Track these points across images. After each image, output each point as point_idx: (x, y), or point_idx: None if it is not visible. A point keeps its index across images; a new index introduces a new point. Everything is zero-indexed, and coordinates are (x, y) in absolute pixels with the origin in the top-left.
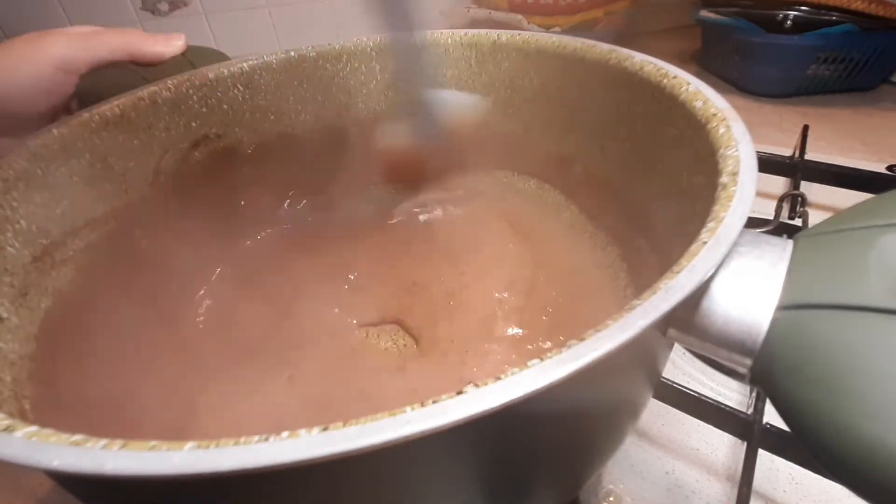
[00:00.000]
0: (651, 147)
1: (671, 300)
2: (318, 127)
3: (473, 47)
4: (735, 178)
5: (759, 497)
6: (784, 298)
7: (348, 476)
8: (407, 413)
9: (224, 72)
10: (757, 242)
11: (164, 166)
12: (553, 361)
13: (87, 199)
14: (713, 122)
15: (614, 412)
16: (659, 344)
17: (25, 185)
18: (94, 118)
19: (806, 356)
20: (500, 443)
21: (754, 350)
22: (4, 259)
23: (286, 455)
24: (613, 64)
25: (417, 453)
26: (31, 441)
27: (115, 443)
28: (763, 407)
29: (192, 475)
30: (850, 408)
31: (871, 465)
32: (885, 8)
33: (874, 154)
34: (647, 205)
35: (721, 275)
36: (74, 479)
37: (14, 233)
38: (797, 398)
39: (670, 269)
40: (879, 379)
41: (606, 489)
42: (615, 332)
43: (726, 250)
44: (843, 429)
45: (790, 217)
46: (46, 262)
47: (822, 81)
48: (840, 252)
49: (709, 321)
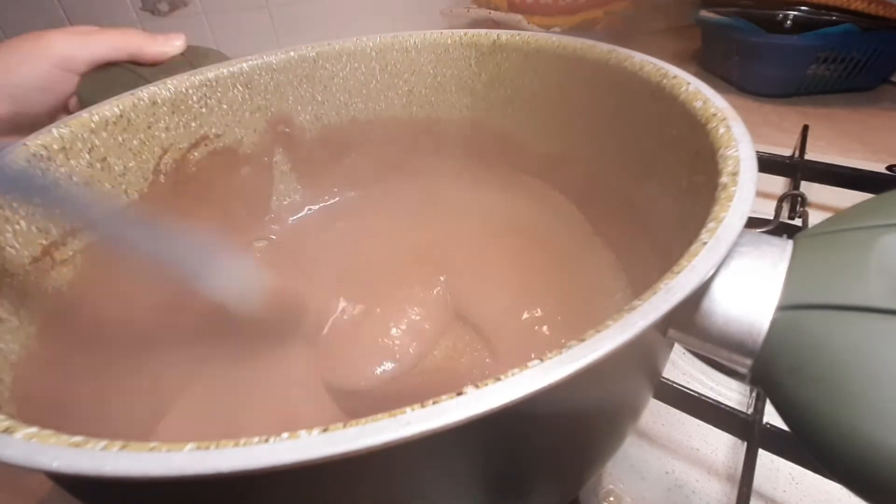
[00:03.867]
0: (651, 147)
1: (671, 300)
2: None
3: (473, 47)
4: (735, 179)
5: (759, 497)
6: (784, 298)
7: (346, 477)
8: (407, 414)
9: (224, 72)
10: (757, 242)
11: (163, 166)
12: (553, 362)
13: (87, 199)
14: (713, 122)
15: (614, 412)
16: (659, 344)
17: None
18: (94, 118)
19: (806, 356)
20: (499, 443)
21: (754, 350)
22: (4, 260)
23: (286, 456)
24: (613, 64)
25: (416, 454)
26: (31, 442)
27: (114, 444)
28: (763, 407)
29: (191, 476)
30: (850, 407)
31: (872, 465)
32: (885, 8)
33: (874, 154)
34: (647, 205)
35: (721, 275)
36: (74, 481)
37: (14, 233)
38: (797, 398)
39: (670, 270)
40: (880, 379)
41: (606, 489)
42: (615, 333)
43: (726, 250)
44: (843, 429)
45: (790, 217)
46: (46, 263)
47: (822, 81)
48: (840, 252)
49: (709, 321)
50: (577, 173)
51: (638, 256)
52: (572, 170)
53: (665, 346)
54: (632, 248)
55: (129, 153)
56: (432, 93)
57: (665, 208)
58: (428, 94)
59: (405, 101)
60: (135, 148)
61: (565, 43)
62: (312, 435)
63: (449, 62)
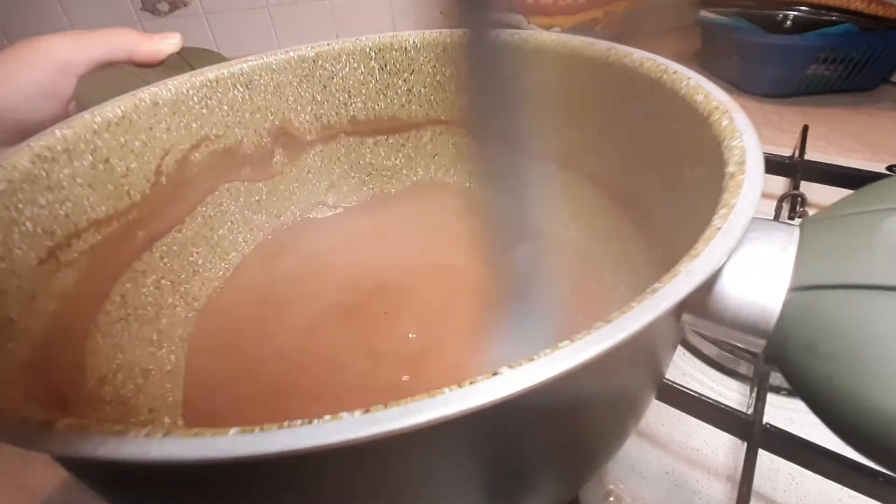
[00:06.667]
0: (652, 141)
1: (692, 282)
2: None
3: None
4: (742, 167)
5: (759, 497)
6: (795, 280)
7: (359, 464)
8: (446, 393)
9: (224, 72)
10: (766, 228)
11: (165, 167)
12: (582, 343)
13: (90, 200)
14: (715, 115)
15: (621, 406)
16: (672, 331)
17: (30, 186)
18: (97, 119)
19: (819, 334)
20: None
21: (768, 331)
22: (13, 261)
23: (330, 437)
24: (613, 61)
25: (433, 442)
26: (73, 432)
27: (157, 430)
28: (763, 407)
29: (239, 458)
30: (864, 380)
31: (888, 433)
32: (885, 8)
33: (874, 154)
34: (648, 198)
35: (733, 260)
36: (109, 471)
37: (20, 234)
38: (812, 374)
39: (687, 254)
40: (891, 352)
41: (606, 489)
42: (641, 314)
43: (740, 234)
44: (858, 399)
45: (790, 217)
46: (52, 265)
47: (822, 81)
48: (847, 235)
49: (723, 305)
50: (577, 168)
51: (640, 249)
52: (573, 166)
53: (676, 335)
54: (633, 241)
55: (132, 154)
56: (432, 92)
57: (667, 201)
58: (427, 93)
59: (405, 101)
60: (137, 149)
61: (564, 41)
62: (355, 416)
63: (448, 61)
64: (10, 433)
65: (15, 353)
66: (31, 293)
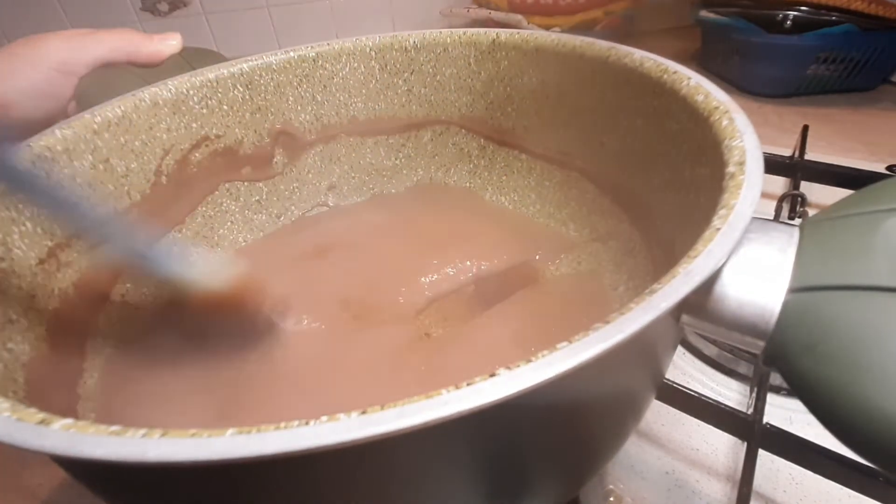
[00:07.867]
0: (652, 141)
1: (691, 283)
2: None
3: (472, 46)
4: (742, 168)
5: (759, 497)
6: (794, 281)
7: (357, 466)
8: (443, 394)
9: (224, 72)
10: (765, 229)
11: (165, 167)
12: (581, 344)
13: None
14: (715, 115)
15: (621, 407)
16: (671, 332)
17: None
18: (96, 119)
19: (818, 335)
20: (513, 435)
21: (767, 332)
22: (13, 262)
23: (327, 438)
24: (613, 61)
25: (430, 443)
26: (70, 432)
27: (154, 431)
28: (763, 407)
29: (236, 459)
30: (863, 381)
31: (888, 435)
32: (885, 8)
33: (874, 154)
34: (648, 198)
35: (732, 260)
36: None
37: (20, 234)
38: (812, 375)
39: (687, 255)
40: (891, 353)
41: (606, 489)
42: (639, 314)
43: (739, 235)
44: (857, 401)
45: (790, 217)
46: (52, 265)
47: (822, 81)
48: (846, 236)
49: (722, 306)
50: (577, 168)
51: (640, 249)
52: (572, 165)
53: (675, 336)
54: (633, 241)
55: (132, 154)
56: (432, 92)
57: (666, 201)
58: (427, 93)
59: (404, 101)
60: (137, 149)
61: (564, 41)
62: (352, 417)
63: (448, 61)
64: (9, 433)
65: (15, 353)
66: (31, 293)
